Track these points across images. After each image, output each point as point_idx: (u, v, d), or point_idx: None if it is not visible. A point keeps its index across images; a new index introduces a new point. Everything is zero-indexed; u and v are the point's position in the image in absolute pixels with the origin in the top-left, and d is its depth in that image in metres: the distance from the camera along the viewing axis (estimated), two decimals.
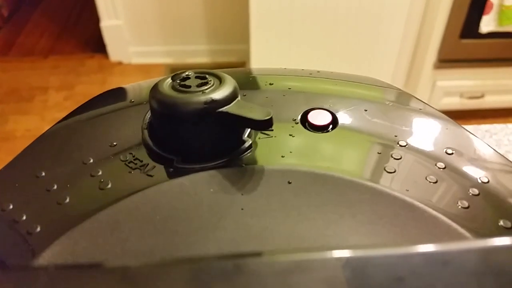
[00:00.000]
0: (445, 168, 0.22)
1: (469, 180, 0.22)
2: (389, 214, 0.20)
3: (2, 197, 0.22)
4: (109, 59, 1.82)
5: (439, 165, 0.22)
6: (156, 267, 0.15)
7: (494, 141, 0.52)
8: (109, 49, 1.80)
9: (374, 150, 0.23)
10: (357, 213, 0.20)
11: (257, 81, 0.30)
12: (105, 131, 0.25)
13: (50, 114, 1.55)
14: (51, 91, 1.67)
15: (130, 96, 0.30)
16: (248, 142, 0.23)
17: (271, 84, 0.29)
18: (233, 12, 1.70)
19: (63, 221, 0.20)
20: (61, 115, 0.28)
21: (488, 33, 1.27)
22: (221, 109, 0.21)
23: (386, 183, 0.21)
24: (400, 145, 0.24)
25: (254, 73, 0.32)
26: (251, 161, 0.22)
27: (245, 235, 0.19)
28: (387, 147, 0.23)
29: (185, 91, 0.22)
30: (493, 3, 1.21)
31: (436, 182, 0.21)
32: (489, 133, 0.53)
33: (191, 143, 0.22)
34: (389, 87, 0.30)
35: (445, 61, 1.36)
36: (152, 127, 0.24)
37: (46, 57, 1.85)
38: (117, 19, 1.72)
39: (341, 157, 0.23)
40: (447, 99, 1.45)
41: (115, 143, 0.24)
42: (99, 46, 1.84)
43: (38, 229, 0.20)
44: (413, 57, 1.39)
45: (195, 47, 1.81)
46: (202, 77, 0.23)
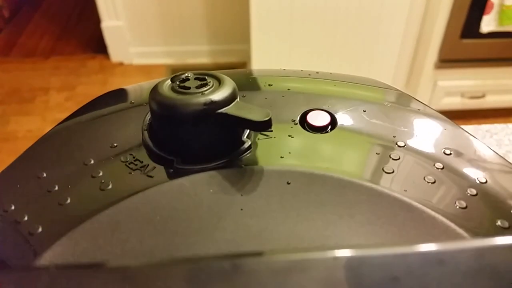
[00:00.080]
0: (443, 168, 0.22)
1: (467, 180, 0.22)
2: (387, 214, 0.20)
3: (4, 198, 0.22)
4: (110, 60, 1.83)
5: (437, 165, 0.23)
6: (156, 267, 0.15)
7: (494, 141, 0.52)
8: (110, 49, 1.81)
9: (372, 150, 0.24)
10: (355, 213, 0.20)
11: (256, 82, 0.30)
12: (105, 132, 0.26)
13: (51, 114, 1.56)
14: (52, 91, 1.67)
15: (130, 97, 0.30)
16: (247, 143, 0.23)
17: (270, 85, 0.29)
18: (234, 12, 1.70)
19: (64, 221, 0.20)
20: (62, 115, 0.28)
21: (488, 33, 1.27)
22: (220, 110, 0.21)
23: (384, 183, 0.21)
24: (398, 146, 0.24)
25: (253, 74, 0.32)
26: (250, 162, 0.22)
27: (244, 235, 0.19)
28: (385, 147, 0.24)
29: (185, 92, 0.22)
30: (493, 3, 1.21)
31: (434, 182, 0.22)
32: (490, 133, 0.53)
33: (191, 144, 0.22)
34: (388, 88, 0.30)
35: (446, 61, 1.36)
36: (152, 128, 0.24)
37: (47, 58, 1.86)
38: (117, 19, 1.72)
39: (340, 157, 0.24)
40: (448, 99, 1.45)
41: (115, 144, 0.24)
42: (100, 47, 1.84)
43: (39, 229, 0.20)
44: (414, 57, 1.39)
45: (196, 47, 1.81)
46: (201, 78, 0.23)
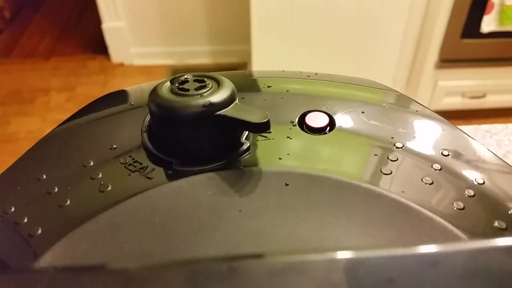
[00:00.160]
0: (441, 169, 0.23)
1: (464, 181, 0.22)
2: (385, 215, 0.20)
3: (4, 199, 0.22)
4: (111, 61, 1.83)
5: (435, 166, 0.23)
6: (154, 269, 0.15)
7: (494, 141, 0.52)
8: (110, 50, 1.81)
9: (370, 152, 0.24)
10: (353, 214, 0.20)
11: (255, 84, 0.30)
12: (105, 134, 0.26)
13: (52, 115, 1.56)
14: (52, 92, 1.67)
15: (130, 99, 0.30)
16: (246, 144, 0.23)
17: (269, 86, 0.29)
18: (234, 12, 1.70)
19: (64, 223, 0.20)
20: (63, 116, 0.28)
21: (489, 33, 1.27)
22: (219, 112, 0.22)
23: (382, 184, 0.22)
24: (396, 147, 0.24)
25: (252, 75, 0.32)
26: (249, 163, 0.22)
27: (243, 236, 0.19)
28: (383, 149, 0.24)
29: (184, 94, 0.22)
30: (494, 3, 1.21)
31: (432, 183, 0.22)
32: (490, 133, 0.53)
33: (190, 145, 0.23)
34: (386, 89, 0.30)
35: (447, 61, 1.36)
36: (151, 130, 0.24)
37: (47, 59, 1.86)
38: (118, 20, 1.73)
39: (338, 159, 0.24)
40: (449, 99, 1.45)
41: (115, 146, 0.24)
42: (100, 47, 1.85)
43: (39, 231, 0.20)
44: (415, 57, 1.39)
45: (196, 48, 1.81)
46: (200, 80, 0.23)
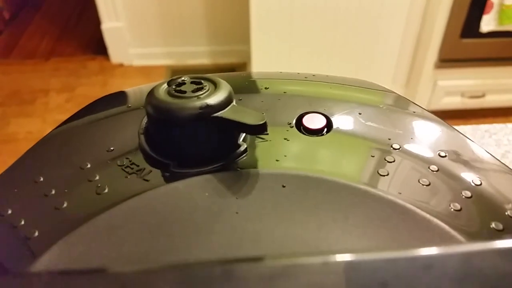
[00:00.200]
0: (438, 170, 0.23)
1: (461, 182, 0.22)
2: (381, 217, 0.20)
3: (1, 202, 0.22)
4: (110, 61, 1.83)
5: (432, 168, 0.23)
6: (148, 272, 0.15)
7: (493, 141, 0.52)
8: (110, 51, 1.81)
9: (367, 153, 0.24)
10: (350, 216, 0.20)
11: (253, 85, 0.30)
12: (102, 136, 0.26)
13: (51, 116, 1.56)
14: (52, 93, 1.67)
15: (128, 100, 0.30)
16: (243, 146, 0.23)
17: (266, 88, 0.29)
18: (234, 13, 1.70)
19: (61, 226, 0.20)
20: (62, 117, 0.28)
21: (488, 33, 1.27)
22: (216, 114, 0.22)
23: (379, 186, 0.22)
24: (393, 148, 0.24)
25: (249, 77, 0.32)
26: (246, 165, 0.22)
27: (239, 238, 0.19)
28: (380, 150, 0.24)
29: (181, 96, 0.22)
30: (493, 3, 1.21)
31: (429, 185, 0.22)
32: (489, 133, 0.53)
33: (187, 147, 0.23)
34: (384, 90, 0.30)
35: (446, 60, 1.36)
36: (148, 132, 0.24)
37: (47, 60, 1.86)
38: (117, 21, 1.73)
39: (335, 160, 0.24)
40: (448, 99, 1.45)
41: (112, 148, 0.24)
42: (100, 48, 1.85)
43: (36, 233, 0.20)
44: (414, 57, 1.40)
45: (196, 48, 1.81)
46: (197, 82, 0.23)
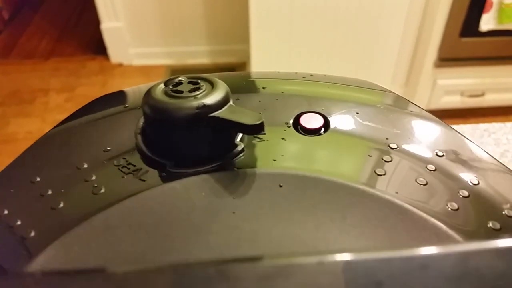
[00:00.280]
0: (435, 170, 0.23)
1: (459, 182, 0.22)
2: (379, 216, 0.20)
3: None
4: (110, 61, 1.83)
5: (429, 167, 0.23)
6: (147, 272, 0.15)
7: (492, 140, 0.52)
8: (109, 51, 1.81)
9: (365, 153, 0.24)
10: (347, 216, 0.20)
11: (250, 85, 0.30)
12: (99, 136, 0.26)
13: (51, 116, 1.56)
14: (52, 93, 1.67)
15: (126, 100, 0.30)
16: (240, 146, 0.23)
17: (264, 88, 0.29)
18: (233, 12, 1.70)
19: (57, 226, 0.20)
20: (62, 117, 0.28)
21: (488, 31, 1.27)
22: (212, 114, 0.21)
23: (376, 185, 0.21)
24: (391, 148, 0.24)
25: (247, 77, 0.32)
26: (243, 165, 0.22)
27: (236, 238, 0.19)
28: (378, 150, 0.24)
29: (177, 96, 0.22)
30: (492, 2, 1.21)
31: (426, 184, 0.22)
32: (488, 132, 0.53)
33: (184, 147, 0.23)
34: (381, 89, 0.30)
35: (445, 59, 1.36)
36: (145, 132, 0.24)
37: (47, 59, 1.86)
38: (117, 21, 1.73)
39: (332, 160, 0.24)
40: (448, 98, 1.44)
41: (109, 148, 0.24)
42: (99, 48, 1.85)
43: (32, 233, 0.20)
44: (414, 56, 1.39)
45: (196, 48, 1.81)
46: (194, 82, 0.23)
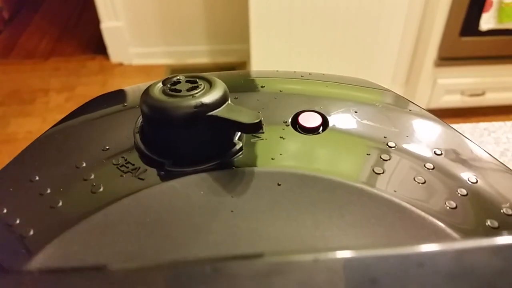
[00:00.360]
0: (433, 168, 0.23)
1: (457, 180, 0.22)
2: (377, 215, 0.20)
3: None
4: (110, 61, 1.83)
5: (428, 166, 0.23)
6: (145, 270, 0.15)
7: (492, 139, 0.52)
8: (109, 50, 1.81)
9: (363, 151, 0.24)
10: (345, 214, 0.20)
11: (249, 84, 0.30)
12: (98, 135, 0.26)
13: (51, 116, 1.56)
14: (52, 93, 1.67)
15: (124, 99, 0.30)
16: (238, 144, 0.23)
17: (262, 86, 0.29)
18: (233, 12, 1.70)
19: (56, 224, 0.20)
20: (62, 116, 0.28)
21: (488, 31, 1.27)
22: (211, 113, 0.22)
23: (374, 184, 0.21)
24: (389, 147, 0.24)
25: (245, 76, 0.32)
26: (241, 164, 0.22)
27: (234, 237, 0.19)
28: (376, 148, 0.24)
29: (176, 95, 0.22)
30: (492, 1, 1.21)
31: (424, 182, 0.22)
32: (488, 131, 0.53)
33: (182, 146, 0.23)
34: (380, 88, 0.30)
35: (446, 59, 1.36)
36: (143, 131, 0.24)
37: (47, 59, 1.86)
38: (117, 20, 1.73)
39: (331, 159, 0.24)
40: (448, 97, 1.44)
41: (107, 147, 0.24)
42: (99, 47, 1.85)
43: (31, 232, 0.20)
44: (414, 55, 1.39)
45: (196, 47, 1.81)
46: (192, 81, 0.23)
